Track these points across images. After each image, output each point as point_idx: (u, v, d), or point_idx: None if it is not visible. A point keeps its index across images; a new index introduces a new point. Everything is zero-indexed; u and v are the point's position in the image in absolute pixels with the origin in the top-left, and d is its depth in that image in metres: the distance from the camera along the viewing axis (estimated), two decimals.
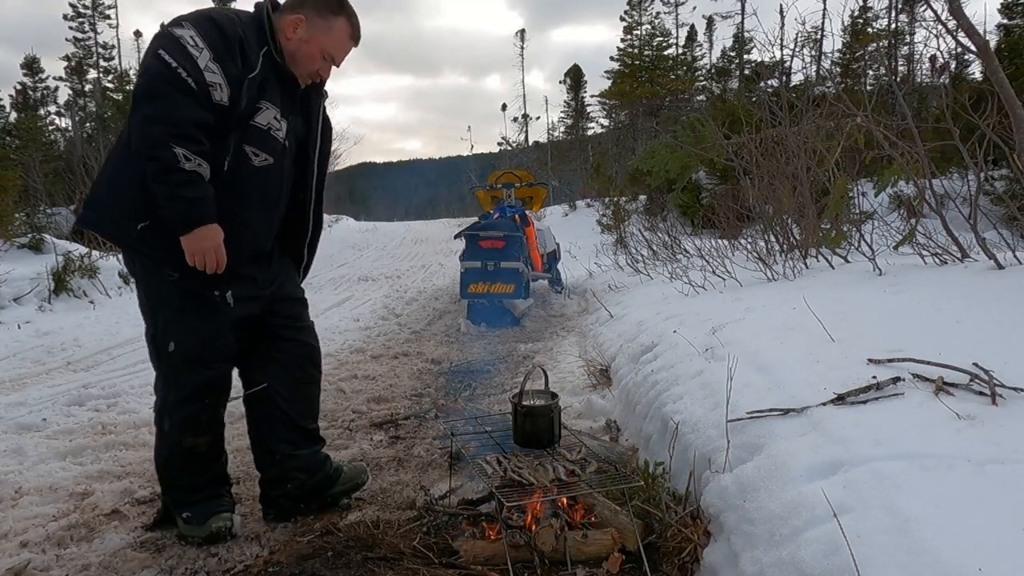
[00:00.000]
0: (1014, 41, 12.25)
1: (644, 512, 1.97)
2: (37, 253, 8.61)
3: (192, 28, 1.80)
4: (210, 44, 1.81)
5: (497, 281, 6.11)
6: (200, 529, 2.07)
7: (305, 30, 1.98)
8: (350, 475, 2.36)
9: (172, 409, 2.08)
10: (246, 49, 1.89)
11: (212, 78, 1.81)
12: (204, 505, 2.10)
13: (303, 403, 2.30)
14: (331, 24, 2.01)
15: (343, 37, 2.05)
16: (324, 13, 2.00)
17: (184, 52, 1.77)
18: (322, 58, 2.03)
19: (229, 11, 1.96)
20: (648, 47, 32.72)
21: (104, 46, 34.00)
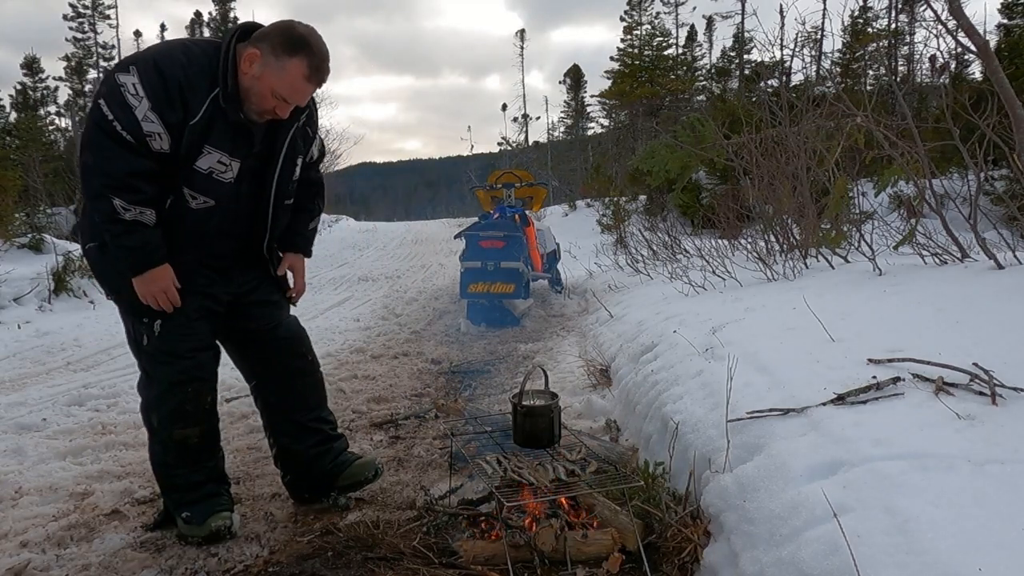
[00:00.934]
0: (1014, 41, 12.25)
1: (644, 512, 1.97)
2: (37, 253, 8.62)
3: (136, 74, 1.81)
4: (150, 92, 1.81)
5: (497, 281, 6.11)
6: (200, 528, 2.07)
7: (259, 67, 1.89)
8: (354, 471, 2.35)
9: (157, 404, 2.10)
10: (187, 97, 1.86)
11: (150, 128, 1.82)
12: (203, 504, 2.10)
13: (294, 398, 2.33)
14: (284, 64, 1.88)
15: (296, 79, 1.90)
16: (279, 52, 1.87)
17: (123, 103, 1.79)
18: (273, 97, 1.92)
19: (184, 46, 1.92)
20: (648, 47, 32.70)
21: (104, 46, 34.01)
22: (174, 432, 2.08)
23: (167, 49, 1.91)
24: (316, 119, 2.25)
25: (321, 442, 2.35)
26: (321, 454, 2.33)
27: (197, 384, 2.12)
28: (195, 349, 2.10)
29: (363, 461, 2.38)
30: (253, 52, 1.88)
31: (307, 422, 2.34)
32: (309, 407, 2.36)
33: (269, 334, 2.29)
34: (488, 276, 6.14)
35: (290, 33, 1.89)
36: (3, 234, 8.99)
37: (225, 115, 1.92)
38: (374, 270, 11.99)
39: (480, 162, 33.45)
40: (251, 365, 2.35)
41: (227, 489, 2.24)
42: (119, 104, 1.80)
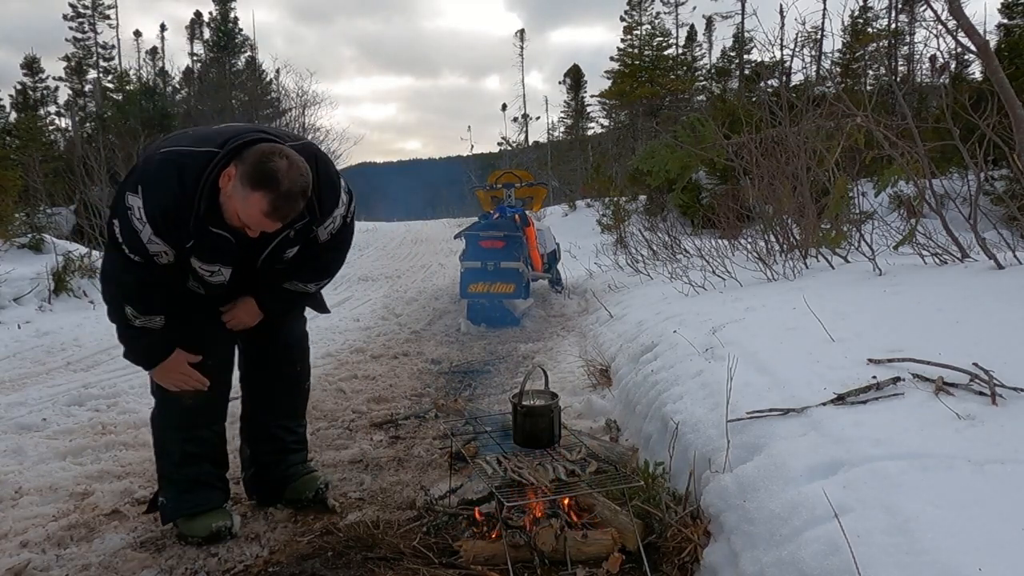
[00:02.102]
0: (1014, 41, 12.24)
1: (644, 512, 1.97)
2: (37, 253, 8.60)
3: (140, 198, 1.87)
4: (151, 220, 1.88)
5: (497, 281, 6.11)
6: (199, 528, 2.07)
7: (231, 187, 1.86)
8: (297, 487, 2.34)
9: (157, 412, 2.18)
10: (178, 225, 1.90)
11: (155, 248, 1.91)
12: (190, 496, 2.10)
13: (266, 402, 2.36)
14: (247, 196, 1.83)
15: (255, 212, 1.84)
16: (245, 181, 1.83)
17: (130, 228, 1.88)
18: (237, 218, 1.89)
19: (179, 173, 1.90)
20: (648, 47, 32.70)
21: (104, 46, 34.00)
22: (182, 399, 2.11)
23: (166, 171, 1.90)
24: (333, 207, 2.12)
25: (276, 451, 2.35)
26: (274, 463, 2.35)
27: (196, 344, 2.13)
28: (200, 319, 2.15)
29: (309, 477, 2.36)
30: (230, 171, 1.87)
31: (271, 428, 2.35)
32: (277, 414, 2.36)
33: (274, 334, 2.30)
34: (488, 276, 6.14)
35: (262, 166, 1.83)
36: (3, 234, 8.98)
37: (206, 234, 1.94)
38: (374, 270, 11.99)
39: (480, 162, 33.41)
40: (247, 359, 2.36)
41: (220, 475, 2.22)
42: (127, 228, 1.88)
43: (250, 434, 2.39)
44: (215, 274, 2.04)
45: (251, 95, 27.65)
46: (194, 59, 34.92)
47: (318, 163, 2.02)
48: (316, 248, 2.17)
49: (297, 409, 2.43)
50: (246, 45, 32.12)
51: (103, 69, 33.46)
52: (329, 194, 2.08)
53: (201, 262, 1.99)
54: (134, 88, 27.01)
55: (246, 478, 2.40)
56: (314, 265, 2.23)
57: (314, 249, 2.17)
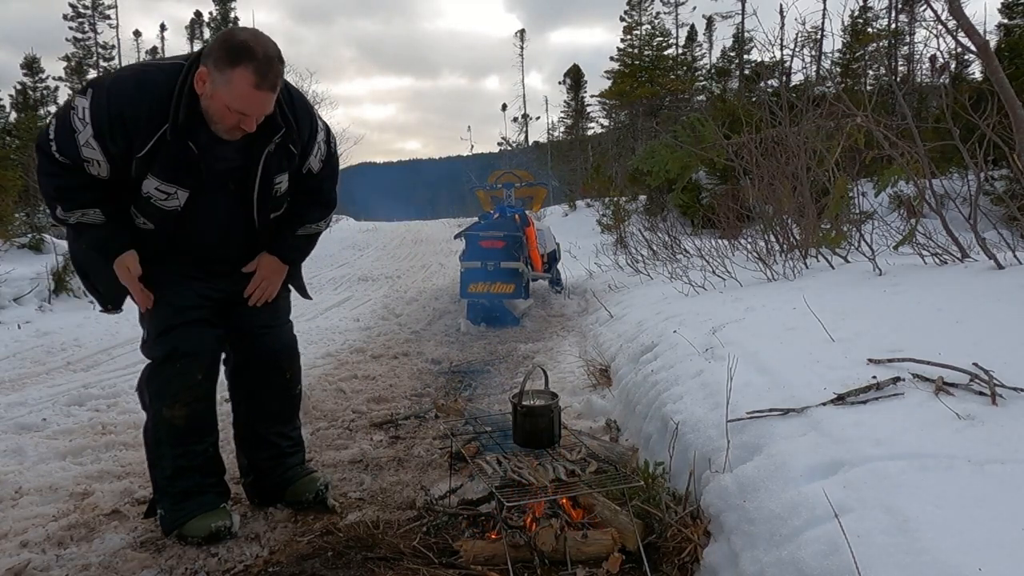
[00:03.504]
0: (1014, 41, 12.24)
1: (644, 512, 1.97)
2: (37, 253, 8.61)
3: (89, 99, 1.84)
4: (95, 122, 1.83)
5: (497, 281, 6.11)
6: (187, 529, 2.06)
7: (210, 85, 1.84)
8: (296, 489, 2.34)
9: (147, 381, 2.13)
10: (131, 130, 1.86)
11: (89, 154, 1.87)
12: (184, 505, 2.09)
13: (260, 410, 2.35)
14: (228, 77, 1.80)
15: (244, 88, 1.81)
16: (221, 65, 1.81)
17: (67, 126, 1.85)
18: (231, 112, 1.86)
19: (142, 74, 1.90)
20: (648, 47, 32.71)
21: (104, 46, 34.02)
22: (162, 411, 2.08)
23: (124, 77, 1.92)
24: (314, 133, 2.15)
25: (274, 456, 2.35)
26: (272, 467, 2.35)
27: (186, 360, 2.07)
28: (186, 323, 2.09)
29: (309, 479, 2.36)
30: (202, 71, 1.84)
31: (267, 434, 2.35)
32: (270, 422, 2.36)
33: (256, 341, 2.28)
34: (488, 276, 6.14)
35: (229, 43, 1.82)
36: (3, 234, 8.98)
37: (177, 146, 1.90)
38: (374, 270, 12.00)
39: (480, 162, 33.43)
40: (233, 367, 2.35)
41: (215, 481, 2.19)
42: (65, 127, 1.85)
43: (246, 442, 2.37)
44: (170, 197, 1.97)
45: None
46: None
47: (287, 85, 2.02)
48: (315, 181, 2.20)
49: (290, 414, 2.42)
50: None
51: (103, 69, 33.46)
52: (303, 112, 2.08)
53: (160, 180, 1.93)
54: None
55: (246, 484, 2.40)
56: (318, 199, 2.26)
57: (314, 183, 2.20)
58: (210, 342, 2.16)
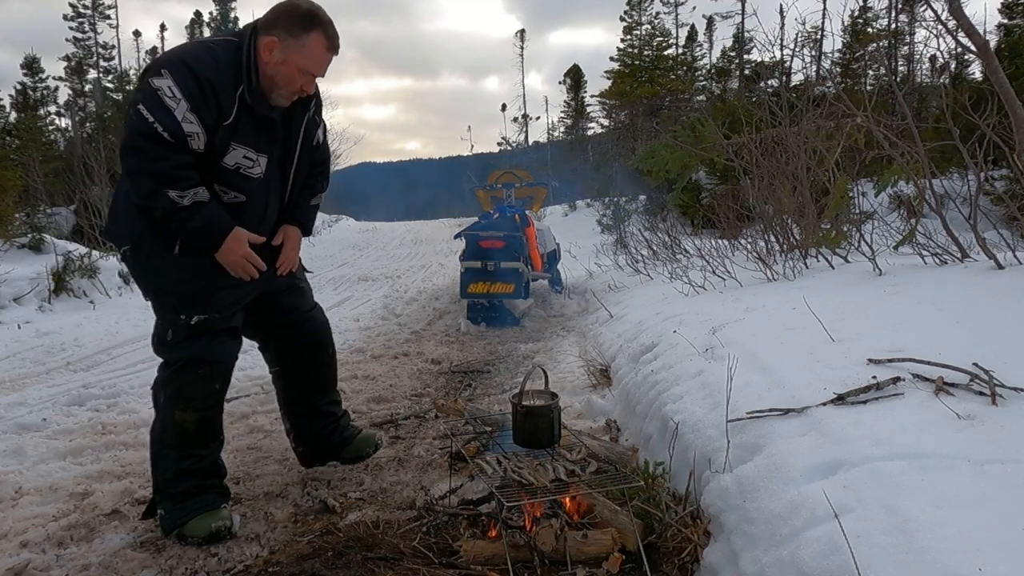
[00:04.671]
0: (1014, 41, 12.25)
1: (644, 512, 1.97)
2: (37, 253, 8.60)
3: (170, 77, 1.86)
4: (187, 93, 1.87)
5: (497, 281, 6.11)
6: (188, 529, 2.07)
7: (280, 51, 1.96)
8: (356, 446, 2.63)
9: (165, 383, 2.15)
10: (219, 95, 1.92)
11: (189, 128, 1.90)
12: (184, 505, 2.10)
13: (314, 385, 2.56)
14: (304, 41, 1.96)
15: (319, 51, 2.00)
16: (295, 31, 1.95)
17: (161, 106, 1.85)
18: (300, 75, 2.01)
19: (207, 47, 1.98)
20: (648, 47, 32.69)
21: (104, 46, 34.00)
22: (175, 414, 2.11)
23: (194, 50, 1.97)
24: (321, 104, 2.31)
25: (331, 423, 2.60)
26: (331, 432, 2.59)
27: (208, 367, 2.13)
28: (215, 332, 2.14)
29: (364, 436, 2.68)
30: (271, 40, 1.96)
31: (322, 405, 2.57)
32: (324, 392, 2.59)
33: (299, 328, 2.47)
34: (488, 276, 6.14)
35: (298, 12, 1.96)
36: (3, 234, 8.98)
37: (251, 111, 1.99)
38: (374, 270, 12.00)
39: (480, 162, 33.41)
40: (279, 355, 2.53)
41: (216, 483, 2.21)
42: (158, 107, 1.85)
43: (301, 416, 2.56)
44: (255, 164, 2.07)
45: None
46: None
47: None
48: (321, 152, 2.38)
49: (335, 382, 2.67)
50: None
51: (103, 69, 33.46)
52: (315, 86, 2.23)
53: (245, 147, 2.02)
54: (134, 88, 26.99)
55: (303, 452, 2.59)
56: (323, 170, 2.41)
57: (320, 154, 2.36)
58: (233, 352, 2.23)
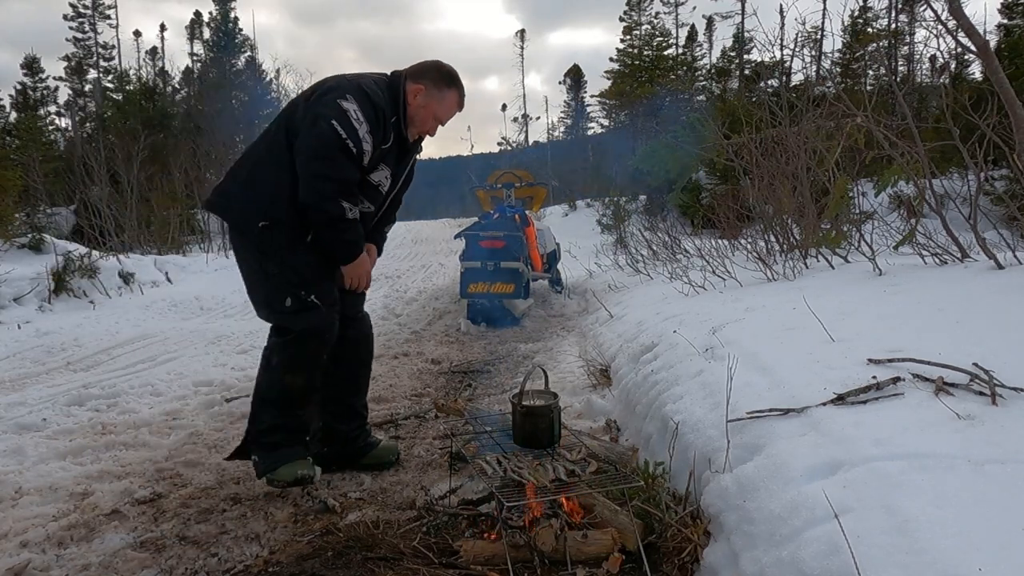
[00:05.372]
0: (1014, 41, 12.25)
1: (644, 512, 1.97)
2: (37, 253, 8.60)
3: (355, 102, 2.21)
4: (367, 117, 2.23)
5: (497, 281, 6.11)
6: (278, 474, 2.30)
7: (423, 97, 2.38)
8: (379, 454, 2.70)
9: (281, 348, 2.36)
10: (386, 123, 2.30)
11: (366, 147, 2.25)
12: (273, 454, 2.32)
13: (354, 385, 2.69)
14: (444, 95, 2.41)
15: (452, 106, 2.46)
16: (440, 86, 2.40)
17: (350, 125, 2.19)
18: (433, 120, 2.44)
19: (374, 81, 2.34)
20: (648, 47, 32.72)
21: (104, 46, 34.03)
22: (285, 377, 2.34)
23: (366, 82, 2.31)
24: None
25: (360, 425, 2.71)
26: (359, 435, 2.69)
27: (319, 339, 2.37)
28: (328, 305, 2.38)
29: (386, 446, 2.77)
30: (418, 87, 2.38)
31: (357, 407, 2.71)
32: (360, 394, 2.73)
33: (352, 326, 2.62)
34: (488, 276, 6.14)
35: (443, 70, 2.43)
36: (3, 234, 8.99)
37: (399, 139, 2.39)
38: (374, 270, 11.99)
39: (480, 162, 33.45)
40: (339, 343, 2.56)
41: (302, 439, 2.40)
42: (347, 125, 2.18)
43: (337, 415, 2.63)
44: (387, 182, 2.45)
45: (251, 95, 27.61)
46: (194, 59, 34.95)
47: None
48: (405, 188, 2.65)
49: (367, 388, 2.81)
50: (246, 45, 32.12)
51: (103, 69, 33.48)
52: None
53: (387, 167, 2.40)
54: (134, 88, 26.99)
55: (327, 454, 2.61)
56: (398, 207, 2.69)
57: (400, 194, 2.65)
58: (337, 327, 2.45)
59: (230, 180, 2.43)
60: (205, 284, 9.10)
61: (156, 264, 9.47)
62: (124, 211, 15.69)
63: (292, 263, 2.31)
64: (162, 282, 8.96)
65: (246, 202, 2.34)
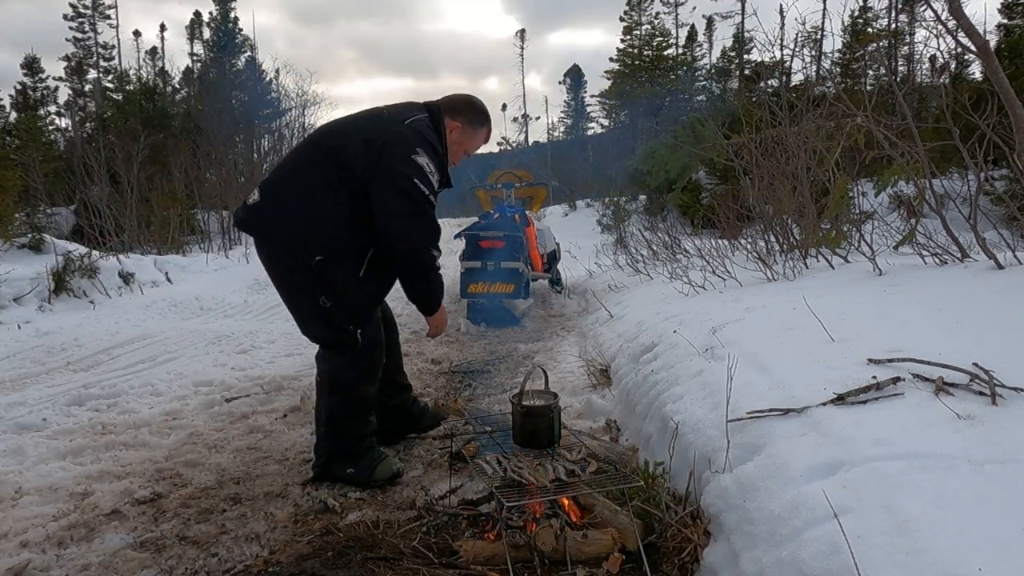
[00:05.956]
0: (1014, 41, 12.25)
1: (644, 512, 1.97)
2: (37, 253, 8.59)
3: (425, 155, 2.36)
4: (436, 167, 2.41)
5: (497, 281, 6.11)
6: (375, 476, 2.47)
7: (458, 134, 2.56)
8: (432, 417, 3.05)
9: (353, 363, 2.50)
10: (444, 167, 2.49)
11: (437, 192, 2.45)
12: (365, 458, 2.50)
13: (394, 364, 2.89)
14: (476, 133, 2.62)
15: (481, 142, 2.68)
16: (474, 123, 2.60)
17: (428, 180, 2.36)
18: (463, 154, 2.64)
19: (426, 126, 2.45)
20: (648, 47, 32.73)
21: (104, 46, 34.03)
22: (359, 388, 2.51)
23: (423, 129, 2.43)
24: None
25: (409, 395, 3.00)
26: (411, 403, 3.00)
27: (380, 349, 2.60)
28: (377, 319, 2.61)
29: (433, 410, 3.11)
30: (455, 124, 2.56)
31: (402, 381, 2.98)
32: (400, 369, 2.99)
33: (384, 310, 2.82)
34: (488, 276, 6.13)
35: (478, 108, 2.62)
36: (3, 234, 8.98)
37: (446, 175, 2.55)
38: None
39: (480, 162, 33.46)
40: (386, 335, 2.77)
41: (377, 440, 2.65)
42: (427, 181, 2.35)
43: (389, 395, 2.84)
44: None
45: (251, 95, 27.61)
46: (194, 59, 34.95)
47: None
48: None
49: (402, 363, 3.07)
50: (246, 45, 32.13)
51: (103, 69, 33.48)
52: None
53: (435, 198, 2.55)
54: (134, 88, 27.00)
55: (390, 429, 2.87)
56: None
57: None
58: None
59: (271, 204, 2.44)
60: (205, 284, 9.10)
61: (156, 264, 9.46)
62: (124, 211, 15.69)
63: (347, 297, 2.43)
64: (162, 282, 8.95)
65: (299, 234, 2.39)
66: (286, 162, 2.56)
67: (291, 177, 2.45)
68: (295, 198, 2.40)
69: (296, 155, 2.54)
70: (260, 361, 4.73)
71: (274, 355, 4.95)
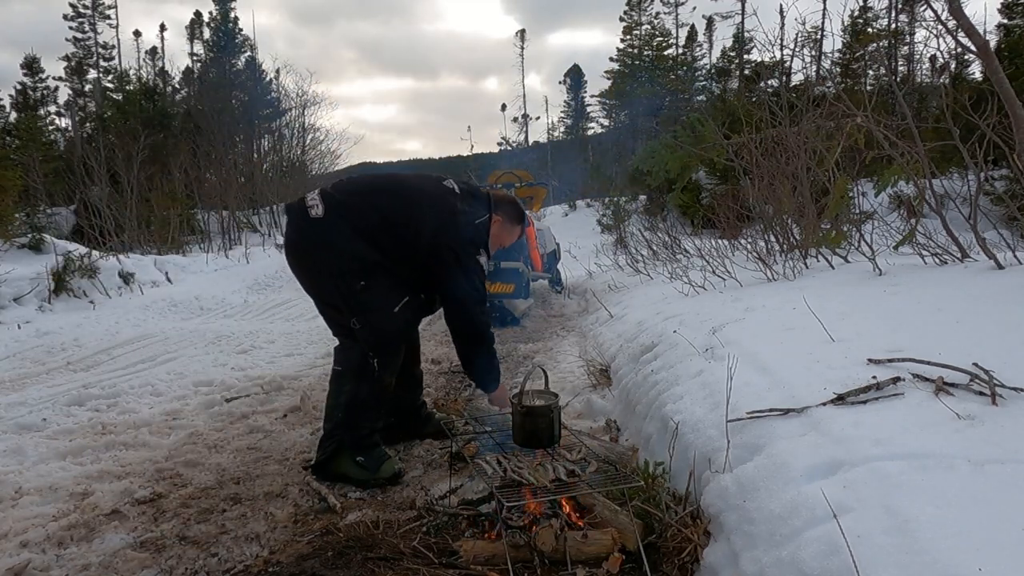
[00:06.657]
0: (1014, 41, 12.25)
1: (644, 512, 1.97)
2: (37, 253, 8.59)
3: (484, 255, 2.70)
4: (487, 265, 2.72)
5: (497, 281, 6.11)
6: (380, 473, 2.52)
7: (498, 228, 2.82)
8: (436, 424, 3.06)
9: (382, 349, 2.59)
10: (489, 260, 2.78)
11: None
12: (373, 452, 2.58)
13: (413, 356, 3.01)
14: (513, 229, 2.91)
15: (515, 237, 2.97)
16: (512, 220, 2.89)
17: (482, 277, 2.70)
18: (498, 245, 2.90)
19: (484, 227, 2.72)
20: (648, 47, 32.72)
21: (104, 46, 34.03)
22: (385, 377, 2.60)
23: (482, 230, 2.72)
24: None
25: (421, 394, 3.11)
26: (422, 404, 3.10)
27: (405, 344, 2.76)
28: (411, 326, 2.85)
29: (440, 417, 3.15)
30: (498, 219, 2.82)
31: (417, 375, 3.07)
32: (418, 363, 3.08)
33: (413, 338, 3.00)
34: (488, 276, 6.13)
35: (517, 210, 2.92)
36: (3, 234, 8.98)
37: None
38: None
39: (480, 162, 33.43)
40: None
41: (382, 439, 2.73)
42: (481, 277, 2.69)
43: (405, 387, 2.92)
44: None
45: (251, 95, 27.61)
46: (194, 59, 34.95)
47: None
48: None
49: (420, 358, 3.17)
50: (246, 45, 32.13)
51: (103, 69, 33.48)
52: None
53: None
54: (134, 88, 27.01)
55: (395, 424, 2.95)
56: None
57: None
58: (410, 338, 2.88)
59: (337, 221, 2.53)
60: (205, 284, 9.10)
61: (156, 264, 9.46)
62: (124, 211, 15.70)
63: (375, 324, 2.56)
64: (162, 282, 8.96)
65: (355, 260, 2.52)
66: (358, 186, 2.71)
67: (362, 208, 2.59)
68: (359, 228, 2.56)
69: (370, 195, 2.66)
70: (260, 361, 4.73)
71: (274, 355, 4.95)
